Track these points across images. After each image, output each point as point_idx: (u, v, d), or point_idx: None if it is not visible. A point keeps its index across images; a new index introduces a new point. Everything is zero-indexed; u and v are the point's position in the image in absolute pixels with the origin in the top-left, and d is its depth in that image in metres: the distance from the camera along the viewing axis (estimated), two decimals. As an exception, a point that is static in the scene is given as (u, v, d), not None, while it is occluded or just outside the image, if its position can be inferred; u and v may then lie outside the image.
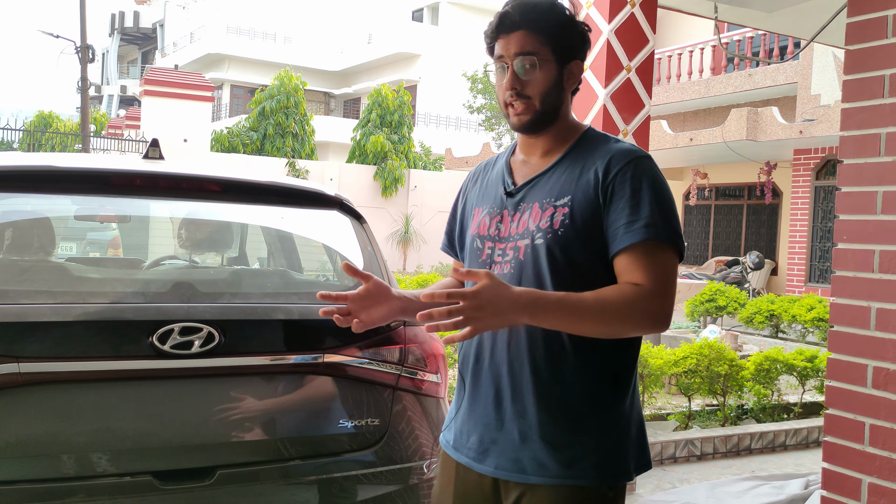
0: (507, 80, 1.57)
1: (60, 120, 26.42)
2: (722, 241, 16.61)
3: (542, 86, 1.58)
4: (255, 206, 2.72)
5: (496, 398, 1.58)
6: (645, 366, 5.14)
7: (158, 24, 44.94)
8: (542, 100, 1.58)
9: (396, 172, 21.43)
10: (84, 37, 19.59)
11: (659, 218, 1.50)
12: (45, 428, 1.95)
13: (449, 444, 1.69)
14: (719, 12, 4.34)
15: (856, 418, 2.45)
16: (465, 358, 1.66)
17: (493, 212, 1.65)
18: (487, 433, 1.59)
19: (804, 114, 12.83)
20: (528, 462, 1.54)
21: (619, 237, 1.50)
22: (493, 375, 1.59)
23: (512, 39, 1.57)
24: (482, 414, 1.60)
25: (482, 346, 1.61)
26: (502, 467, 1.57)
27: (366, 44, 34.52)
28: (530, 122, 1.59)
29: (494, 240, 1.62)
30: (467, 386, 1.65)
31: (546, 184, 1.59)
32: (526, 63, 1.56)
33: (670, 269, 1.51)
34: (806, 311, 9.48)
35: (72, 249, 5.19)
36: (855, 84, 2.51)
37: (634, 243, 1.48)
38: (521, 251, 1.56)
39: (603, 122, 3.85)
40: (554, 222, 1.53)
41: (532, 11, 1.57)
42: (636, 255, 1.49)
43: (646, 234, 1.48)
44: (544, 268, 1.53)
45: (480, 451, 1.60)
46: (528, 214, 1.58)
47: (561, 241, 1.52)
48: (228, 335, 2.09)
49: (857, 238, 2.48)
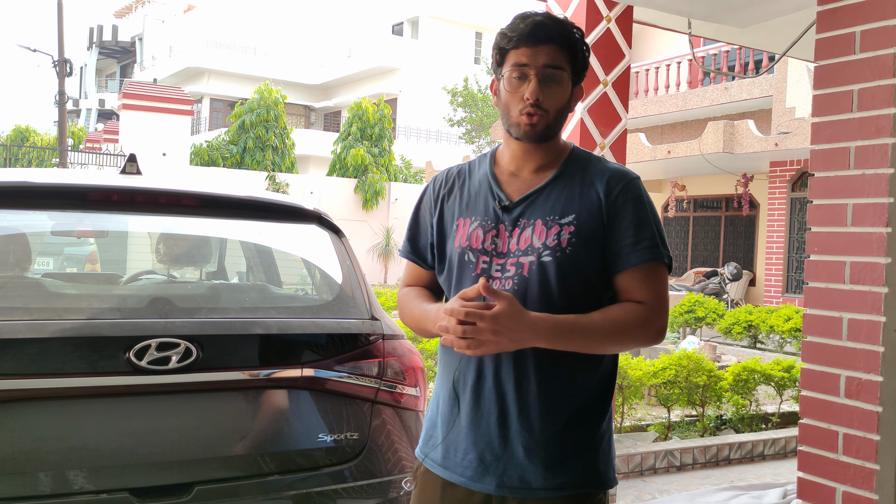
0: (532, 90, 1.57)
1: (38, 134, 26.19)
2: (700, 253, 16.76)
3: (560, 102, 1.61)
4: (233, 221, 2.72)
5: (500, 416, 1.58)
6: (624, 377, 5.17)
7: (137, 38, 44.77)
8: (556, 115, 1.61)
9: (377, 185, 21.45)
10: (62, 50, 19.48)
11: (658, 238, 1.60)
12: (21, 445, 1.93)
13: (435, 462, 1.67)
14: (693, 28, 4.41)
15: (829, 427, 2.48)
16: (463, 376, 1.63)
17: (486, 225, 1.64)
18: (489, 451, 1.59)
19: (779, 126, 13.00)
20: (534, 478, 1.56)
21: (624, 256, 1.57)
22: (497, 394, 1.59)
23: (542, 51, 1.58)
24: (483, 432, 1.60)
25: (484, 365, 1.60)
26: (505, 485, 1.57)
27: (346, 57, 34.59)
28: (541, 133, 1.61)
29: (491, 254, 1.62)
30: (465, 403, 1.62)
31: (547, 201, 1.61)
32: (554, 77, 1.59)
33: (666, 286, 1.62)
34: (783, 322, 9.57)
35: (48, 265, 5.13)
36: (824, 99, 2.56)
37: (642, 263, 1.57)
38: (524, 268, 1.58)
39: (580, 136, 3.89)
40: (562, 240, 1.56)
41: (565, 29, 1.60)
42: (640, 274, 1.58)
43: (651, 255, 1.58)
44: (553, 284, 1.56)
45: (480, 469, 1.59)
46: (530, 231, 1.59)
47: (570, 258, 1.56)
48: (206, 350, 2.08)
49: (828, 250, 2.52)
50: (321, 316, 2.45)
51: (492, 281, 1.60)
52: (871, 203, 2.41)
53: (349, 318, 2.41)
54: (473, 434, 1.61)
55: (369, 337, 2.39)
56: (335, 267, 2.60)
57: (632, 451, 4.67)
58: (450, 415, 1.66)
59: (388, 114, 23.22)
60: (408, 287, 1.82)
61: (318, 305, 2.63)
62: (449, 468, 1.64)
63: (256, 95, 22.28)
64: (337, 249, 2.60)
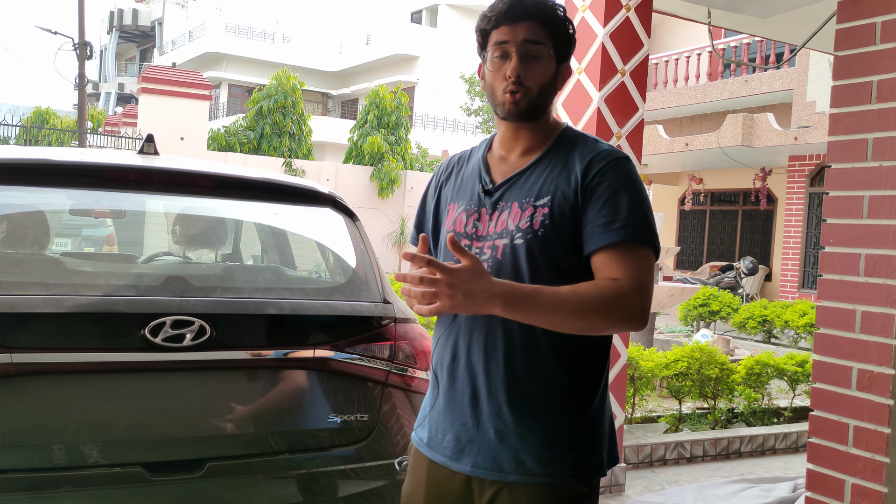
0: (513, 67, 1.56)
1: (57, 116, 26.40)
2: (716, 247, 16.67)
3: (543, 78, 1.59)
4: (249, 203, 2.74)
5: (472, 397, 1.59)
6: (636, 368, 5.17)
7: (157, 23, 44.92)
8: (539, 91, 1.59)
9: (393, 174, 21.44)
10: (82, 34, 19.58)
11: (638, 219, 1.52)
12: (37, 418, 1.96)
13: (423, 442, 1.69)
14: (713, 18, 4.38)
15: (840, 420, 2.47)
16: (441, 356, 1.65)
17: (469, 209, 1.65)
18: (464, 432, 1.60)
19: (799, 120, 12.89)
20: (506, 461, 1.55)
21: (596, 235, 1.51)
22: (469, 375, 1.59)
23: (520, 27, 1.57)
24: (458, 413, 1.61)
25: (458, 345, 1.61)
26: (479, 466, 1.57)
27: (364, 45, 34.55)
28: (525, 111, 1.59)
29: (472, 238, 1.62)
30: (442, 385, 1.65)
31: (525, 183, 1.60)
32: (533, 51, 1.57)
33: (648, 267, 1.52)
34: (798, 317, 9.52)
35: (67, 245, 5.19)
36: (843, 90, 2.54)
37: (613, 242, 1.50)
38: (499, 250, 1.57)
39: (597, 125, 3.88)
40: (534, 222, 1.54)
41: (542, 5, 1.59)
42: (615, 253, 1.50)
43: (624, 235, 1.50)
44: (523, 267, 1.54)
45: (457, 450, 1.60)
46: (507, 214, 1.59)
47: (540, 241, 1.53)
48: (220, 329, 2.10)
49: (844, 242, 2.51)
50: (334, 298, 2.46)
51: None
52: (888, 195, 2.40)
53: (362, 300, 2.43)
54: (450, 415, 1.62)
55: (381, 320, 2.40)
56: (349, 250, 2.61)
57: (642, 442, 4.67)
58: (431, 395, 1.69)
59: (405, 102, 23.19)
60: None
61: (332, 288, 2.64)
62: (432, 447, 1.66)
63: (274, 82, 22.30)
64: (351, 233, 2.62)
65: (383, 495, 2.29)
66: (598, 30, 3.91)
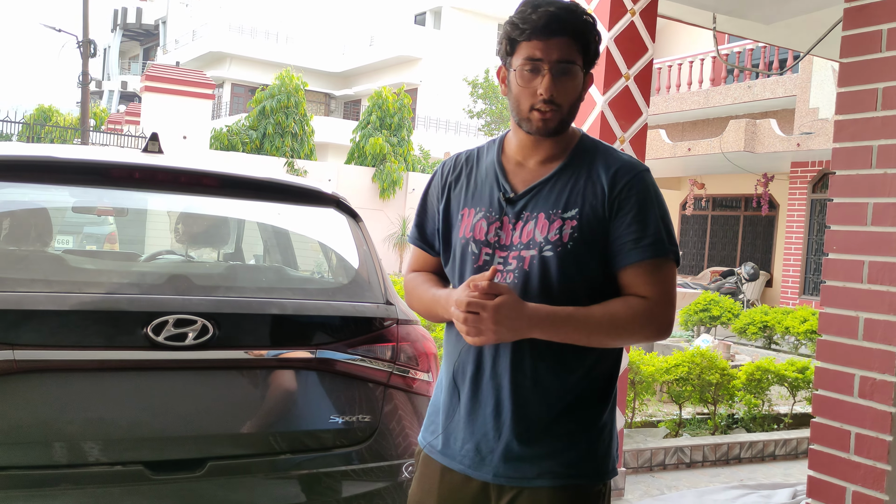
0: (546, 86, 1.53)
1: (60, 114, 26.38)
2: (718, 252, 16.65)
3: (574, 95, 1.58)
4: (252, 203, 2.74)
5: (496, 408, 1.59)
6: (637, 372, 5.16)
7: (161, 21, 44.96)
8: (570, 109, 1.59)
9: (395, 175, 21.44)
10: (86, 31, 19.60)
11: (664, 234, 1.56)
12: (39, 415, 1.96)
13: (435, 449, 1.68)
14: (718, 23, 4.38)
15: (842, 427, 2.47)
16: (462, 367, 1.64)
17: (490, 216, 1.63)
18: (485, 443, 1.60)
19: (802, 126, 12.88)
20: (529, 468, 1.57)
21: (626, 252, 1.54)
22: (494, 386, 1.59)
23: (554, 44, 1.53)
24: (480, 423, 1.61)
25: (483, 357, 1.61)
26: (501, 474, 1.58)
27: (367, 46, 34.56)
28: (555, 129, 1.59)
29: (494, 246, 1.61)
30: (464, 394, 1.63)
31: (550, 193, 1.59)
32: (568, 71, 1.55)
33: (673, 281, 1.58)
34: (799, 323, 9.51)
35: (68, 243, 5.19)
36: (848, 96, 2.54)
37: (644, 260, 1.54)
38: (525, 262, 1.57)
39: (600, 129, 3.87)
40: (563, 235, 1.55)
41: (578, 19, 1.56)
42: (644, 269, 1.55)
43: (655, 252, 1.55)
44: (553, 279, 1.55)
45: (477, 459, 1.61)
46: (532, 224, 1.58)
47: (571, 253, 1.54)
48: (222, 328, 2.10)
49: (847, 248, 2.50)
50: (337, 299, 2.46)
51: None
52: (892, 203, 2.40)
53: (364, 301, 2.43)
54: (471, 424, 1.62)
55: (384, 321, 2.40)
56: (352, 251, 2.61)
57: (642, 447, 4.67)
58: (450, 404, 1.67)
59: (407, 103, 23.19)
60: (414, 272, 1.82)
61: (334, 288, 2.64)
62: (448, 455, 1.66)
63: (277, 82, 22.31)
64: (354, 234, 2.61)
65: (384, 497, 2.29)
66: (603, 34, 3.91)
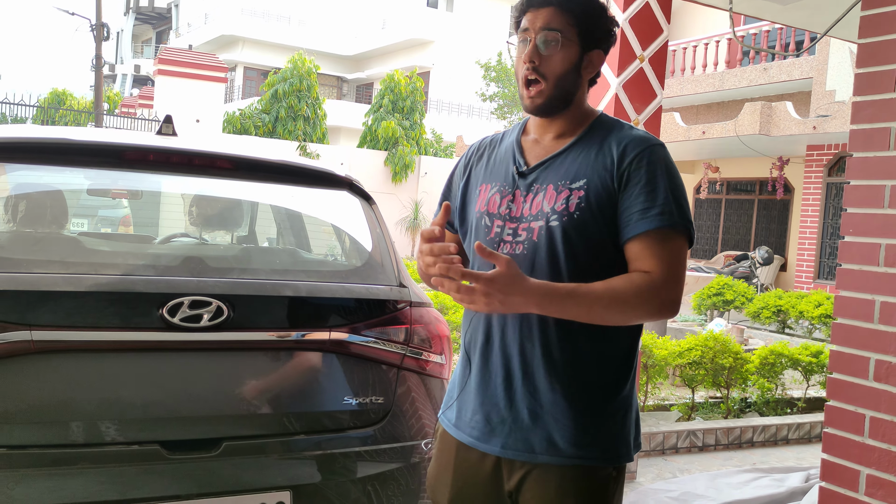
0: (528, 52, 1.57)
1: (74, 98, 26.49)
2: (732, 236, 16.57)
3: (561, 67, 1.58)
4: (266, 185, 2.74)
5: (506, 378, 1.59)
6: (649, 356, 5.16)
7: (173, 5, 44.93)
8: (557, 82, 1.58)
9: (407, 158, 21.43)
10: (99, 14, 19.63)
11: (673, 206, 1.53)
12: (56, 395, 1.98)
13: (450, 423, 1.70)
14: (734, 4, 4.33)
15: (856, 410, 2.46)
16: (473, 336, 1.66)
17: (503, 190, 1.65)
18: (495, 412, 1.60)
19: (818, 109, 12.76)
20: (538, 442, 1.56)
21: (633, 223, 1.52)
22: (503, 355, 1.60)
23: (540, 14, 1.57)
24: (491, 393, 1.61)
25: (492, 326, 1.62)
26: (510, 447, 1.58)
27: (380, 29, 34.44)
28: (543, 106, 1.60)
29: (505, 219, 1.62)
30: (474, 365, 1.65)
31: (561, 166, 1.60)
32: (549, 38, 1.56)
33: (681, 256, 1.54)
34: (813, 308, 9.46)
35: (83, 226, 5.22)
36: (866, 78, 2.51)
37: (649, 230, 1.51)
38: (534, 232, 1.57)
39: (614, 111, 3.85)
40: (570, 205, 1.54)
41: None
42: (649, 241, 1.51)
43: (661, 222, 1.51)
44: (559, 249, 1.54)
45: (487, 430, 1.61)
46: (542, 196, 1.58)
47: (577, 223, 1.54)
48: (237, 310, 2.11)
49: (864, 231, 2.48)
50: (350, 281, 2.47)
51: (503, 245, 1.61)
52: (910, 185, 2.37)
53: (378, 284, 2.43)
54: (482, 395, 1.63)
55: (397, 303, 2.41)
56: (365, 233, 2.61)
57: (654, 430, 4.67)
58: (462, 375, 1.70)
59: (420, 87, 23.13)
60: None
61: (347, 271, 2.65)
62: (460, 427, 1.67)
63: (290, 65, 22.29)
64: (367, 216, 2.62)
65: (398, 478, 2.30)
66: (618, 15, 3.87)
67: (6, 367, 1.92)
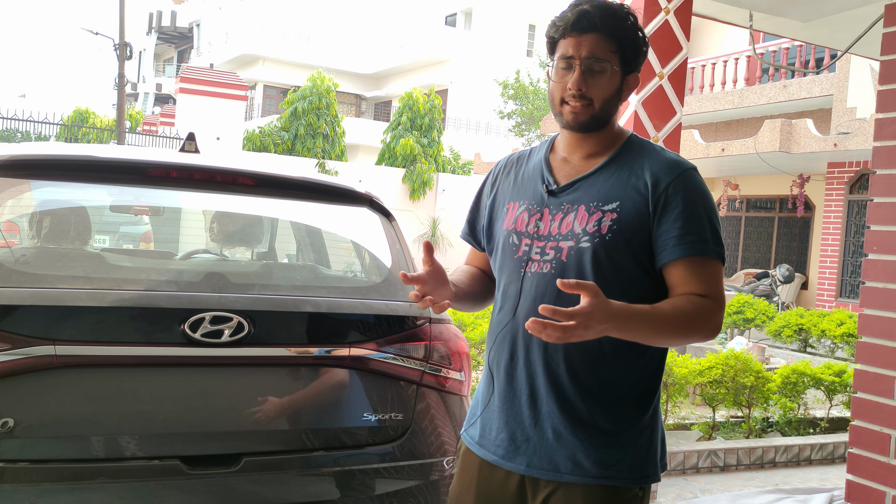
0: (574, 80, 1.57)
1: (97, 116, 26.83)
2: (752, 254, 16.44)
3: (606, 92, 1.59)
4: (286, 202, 2.76)
5: (531, 396, 1.59)
6: (670, 374, 5.11)
7: (195, 24, 45.52)
8: (602, 105, 1.59)
9: (425, 176, 21.48)
10: (122, 34, 19.91)
11: (710, 233, 1.55)
12: (78, 409, 2.00)
13: (474, 441, 1.69)
14: (754, 21, 4.32)
15: (882, 430, 2.42)
16: (498, 354, 1.65)
17: (532, 208, 1.65)
18: (520, 431, 1.60)
19: (839, 126, 12.67)
20: (563, 461, 1.56)
21: (670, 247, 1.53)
22: (528, 374, 1.59)
23: (585, 40, 1.57)
24: (515, 412, 1.61)
25: (516, 344, 1.61)
26: (534, 466, 1.58)
27: (398, 47, 34.67)
28: (586, 123, 1.60)
29: (532, 237, 1.62)
30: (499, 383, 1.64)
31: (592, 186, 1.60)
32: (596, 68, 1.57)
33: (721, 281, 1.57)
34: (836, 326, 9.35)
35: (105, 242, 5.28)
36: (889, 94, 2.49)
37: (689, 256, 1.52)
38: (563, 252, 1.57)
39: (634, 128, 3.84)
40: (602, 227, 1.55)
41: (612, 17, 1.58)
42: (692, 267, 1.53)
43: (700, 248, 1.53)
44: (588, 270, 1.54)
45: (511, 448, 1.61)
46: (573, 216, 1.59)
47: (608, 245, 1.54)
48: (258, 326, 2.12)
49: (888, 249, 2.46)
50: (370, 297, 2.47)
51: (531, 264, 1.60)
52: (935, 202, 2.35)
53: (397, 300, 2.44)
54: (506, 413, 1.62)
55: (417, 320, 2.41)
56: (385, 250, 2.62)
57: (674, 450, 4.62)
58: (486, 393, 1.69)
59: (438, 104, 23.22)
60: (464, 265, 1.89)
61: (368, 287, 2.66)
62: (484, 446, 1.66)
63: (309, 83, 22.46)
64: (387, 233, 2.63)
65: (417, 495, 2.29)
66: (637, 32, 3.87)
67: (30, 381, 1.94)
